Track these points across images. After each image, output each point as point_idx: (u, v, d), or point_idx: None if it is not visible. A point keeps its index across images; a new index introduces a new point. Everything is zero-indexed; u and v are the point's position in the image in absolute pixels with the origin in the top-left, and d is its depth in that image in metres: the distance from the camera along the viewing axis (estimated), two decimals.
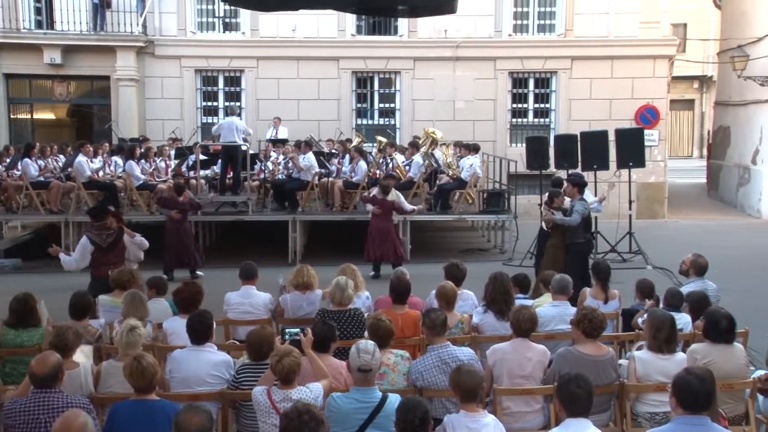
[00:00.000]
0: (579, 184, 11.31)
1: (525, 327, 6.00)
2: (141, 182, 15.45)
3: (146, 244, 10.11)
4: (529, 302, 7.85)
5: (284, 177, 16.47)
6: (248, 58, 20.86)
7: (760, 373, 6.30)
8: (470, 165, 15.84)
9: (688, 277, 8.35)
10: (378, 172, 16.34)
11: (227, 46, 20.86)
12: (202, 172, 16.46)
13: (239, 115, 18.23)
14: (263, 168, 16.96)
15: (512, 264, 14.34)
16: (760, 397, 6.15)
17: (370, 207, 13.63)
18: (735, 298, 10.47)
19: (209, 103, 21.29)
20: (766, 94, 20.51)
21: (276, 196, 16.38)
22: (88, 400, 5.23)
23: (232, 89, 21.26)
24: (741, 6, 22.70)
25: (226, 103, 20.62)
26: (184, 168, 16.50)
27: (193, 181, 15.89)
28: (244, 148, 16.08)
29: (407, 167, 16.10)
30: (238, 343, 7.11)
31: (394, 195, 13.77)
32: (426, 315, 6.16)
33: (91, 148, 15.76)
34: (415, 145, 16.66)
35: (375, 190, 13.87)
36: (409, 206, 14.11)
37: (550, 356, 5.93)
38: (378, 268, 13.55)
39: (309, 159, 15.78)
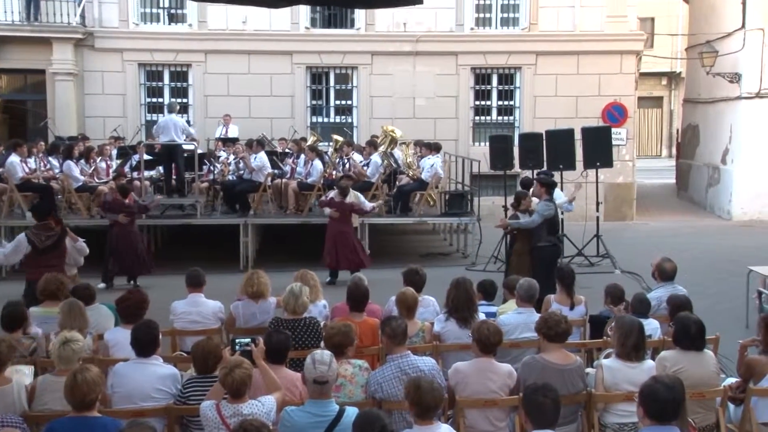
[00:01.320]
0: (547, 184, 11.37)
1: (493, 342, 5.95)
2: (80, 184, 15.23)
3: (87, 250, 10.17)
4: (493, 309, 7.91)
5: (235, 178, 16.35)
6: (196, 51, 20.69)
7: (732, 381, 6.41)
8: (431, 165, 15.90)
9: (657, 282, 8.46)
10: (334, 172, 16.31)
11: (173, 39, 20.67)
12: (146, 173, 16.28)
13: (181, 112, 18.06)
14: (212, 168, 16.84)
15: (475, 269, 14.42)
16: (731, 406, 6.25)
17: (328, 210, 13.60)
18: (705, 302, 10.69)
19: (154, 100, 21.07)
20: (735, 91, 20.92)
21: (226, 199, 16.26)
22: (21, 419, 5.14)
23: (179, 85, 21.07)
24: (710, 0, 23.13)
25: (172, 100, 20.41)
26: (127, 168, 16.30)
27: (137, 183, 15.70)
28: (191, 147, 15.96)
29: (365, 167, 16.10)
30: (185, 354, 7.04)
31: (353, 196, 13.75)
32: (386, 323, 6.16)
33: (25, 148, 15.49)
34: (373, 144, 16.67)
35: (332, 193, 13.84)
36: (368, 205, 14.12)
37: (516, 376, 5.92)
38: (335, 274, 13.54)
39: (261, 159, 15.70)
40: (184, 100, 20.68)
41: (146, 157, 16.15)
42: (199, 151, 16.86)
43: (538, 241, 10.90)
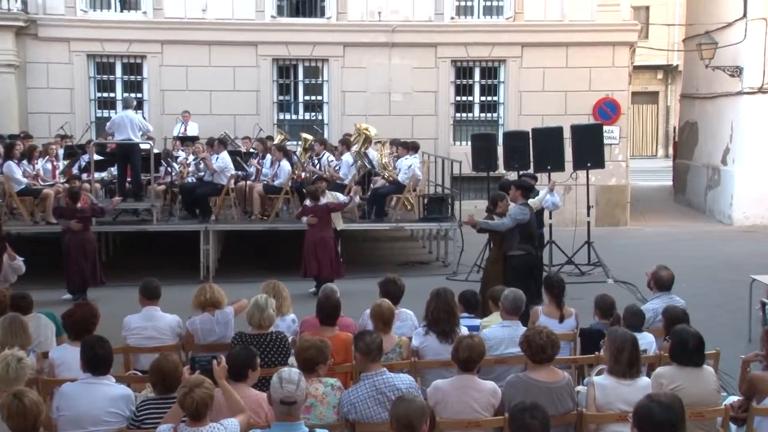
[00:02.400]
0: (523, 187, 11.39)
1: (467, 358, 5.96)
2: (23, 186, 15.07)
3: (23, 269, 10.24)
4: (476, 323, 7.93)
5: (194, 180, 16.29)
6: (151, 42, 20.58)
7: (733, 399, 6.46)
8: (408, 166, 15.92)
9: (653, 292, 8.51)
10: (303, 174, 16.29)
11: (126, 28, 20.54)
12: (97, 175, 16.16)
13: (137, 108, 17.95)
14: (170, 170, 16.76)
15: (457, 279, 14.47)
16: (733, 427, 6.29)
17: (305, 219, 13.58)
18: (705, 314, 10.76)
19: (105, 95, 20.93)
20: (736, 85, 21.12)
21: (185, 203, 16.19)
22: None
23: (132, 78, 20.95)
24: None
25: (125, 95, 20.32)
26: (75, 170, 16.17)
27: (87, 185, 15.58)
28: (147, 146, 15.87)
29: (337, 169, 16.10)
30: (140, 374, 7.01)
31: (330, 197, 13.79)
32: (359, 338, 6.16)
33: None
34: (345, 144, 16.67)
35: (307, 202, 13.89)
36: (343, 197, 14.13)
37: (500, 395, 5.95)
38: (320, 284, 13.56)
39: (223, 159, 15.65)
40: (139, 95, 20.54)
41: (97, 157, 16.04)
42: (156, 150, 16.77)
43: (509, 249, 10.94)
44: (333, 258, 13.56)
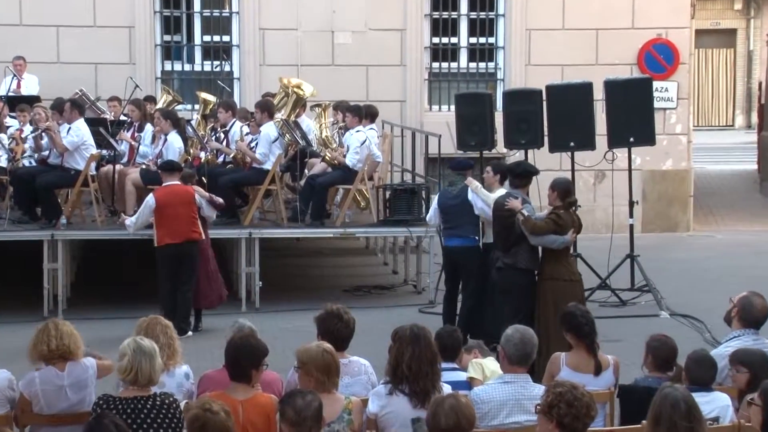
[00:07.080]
0: (505, 172, 11.65)
1: (454, 426, 5.95)
2: None
3: None
4: (461, 377, 7.97)
5: (34, 163, 16.19)
6: None
7: None
8: (361, 143, 15.94)
9: (732, 329, 8.56)
10: (202, 154, 16.24)
11: None
12: None
13: None
14: None
15: (433, 311, 14.46)
16: None
17: None
18: None
19: None
20: None
21: (19, 198, 16.08)
22: None
23: None
24: None
25: None
26: None
27: None
28: None
29: (253, 146, 16.07)
30: None
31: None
32: (287, 402, 6.19)
33: None
34: (266, 109, 16.63)
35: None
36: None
37: None
38: (196, 316, 13.75)
39: (78, 132, 15.55)
40: None
41: None
42: None
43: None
44: (206, 275, 13.76)
